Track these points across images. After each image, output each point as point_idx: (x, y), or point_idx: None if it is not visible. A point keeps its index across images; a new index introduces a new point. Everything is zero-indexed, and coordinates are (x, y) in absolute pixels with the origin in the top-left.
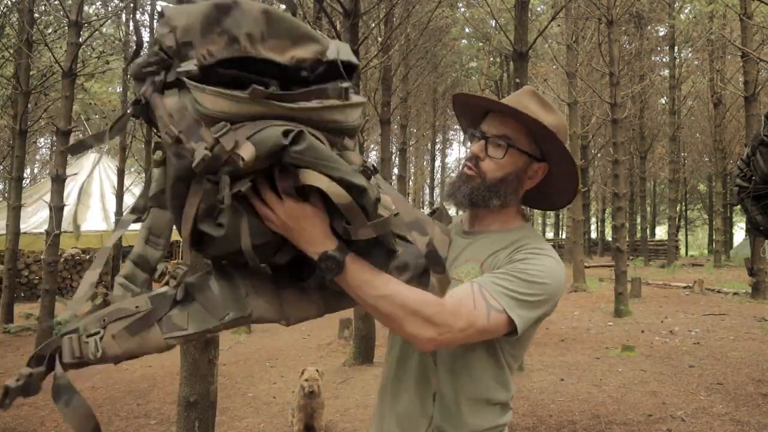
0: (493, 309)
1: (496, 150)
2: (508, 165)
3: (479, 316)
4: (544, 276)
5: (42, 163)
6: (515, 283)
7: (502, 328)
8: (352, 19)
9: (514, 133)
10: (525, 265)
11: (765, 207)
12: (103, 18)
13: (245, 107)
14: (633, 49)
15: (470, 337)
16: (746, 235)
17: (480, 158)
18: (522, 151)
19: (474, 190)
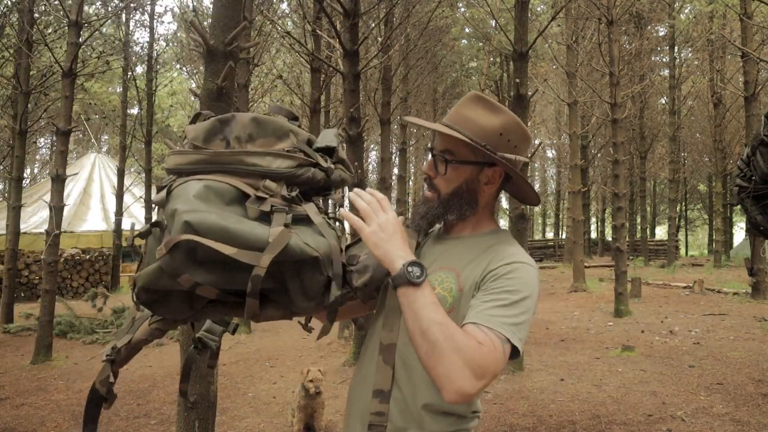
0: (504, 344)
1: (441, 166)
2: (454, 178)
3: (499, 363)
4: (526, 290)
5: (42, 163)
6: (507, 308)
7: (508, 356)
8: (352, 19)
9: (455, 146)
10: (507, 283)
11: (765, 207)
12: (103, 18)
13: (186, 158)
14: (633, 49)
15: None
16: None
17: (432, 177)
18: (464, 162)
19: (429, 210)
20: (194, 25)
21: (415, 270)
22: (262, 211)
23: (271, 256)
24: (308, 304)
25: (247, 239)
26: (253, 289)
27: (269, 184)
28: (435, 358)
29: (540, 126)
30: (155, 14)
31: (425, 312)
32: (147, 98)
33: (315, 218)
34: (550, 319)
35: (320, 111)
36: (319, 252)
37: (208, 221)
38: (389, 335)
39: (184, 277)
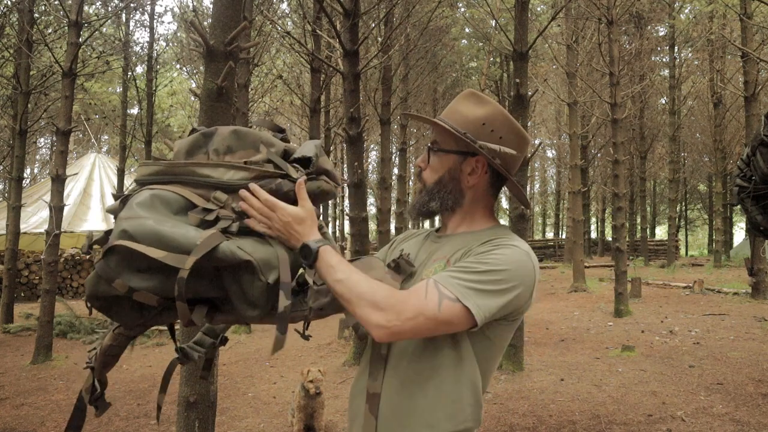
0: (446, 298)
1: (429, 156)
2: (439, 168)
3: (429, 305)
4: (504, 263)
5: (42, 163)
6: (472, 273)
7: (458, 320)
8: (352, 19)
9: (441, 137)
10: (484, 255)
11: (765, 207)
12: (103, 18)
13: (147, 170)
14: (633, 49)
15: (422, 327)
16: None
17: (422, 168)
18: (445, 151)
19: (418, 200)
20: (194, 25)
21: (306, 250)
22: (206, 220)
23: (195, 258)
24: (252, 312)
25: (179, 243)
26: (179, 291)
27: (219, 195)
28: (352, 309)
29: (540, 126)
30: (155, 14)
31: (329, 278)
32: (147, 98)
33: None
34: (550, 319)
35: (320, 111)
36: (254, 257)
37: (143, 227)
38: (374, 384)
39: (118, 281)
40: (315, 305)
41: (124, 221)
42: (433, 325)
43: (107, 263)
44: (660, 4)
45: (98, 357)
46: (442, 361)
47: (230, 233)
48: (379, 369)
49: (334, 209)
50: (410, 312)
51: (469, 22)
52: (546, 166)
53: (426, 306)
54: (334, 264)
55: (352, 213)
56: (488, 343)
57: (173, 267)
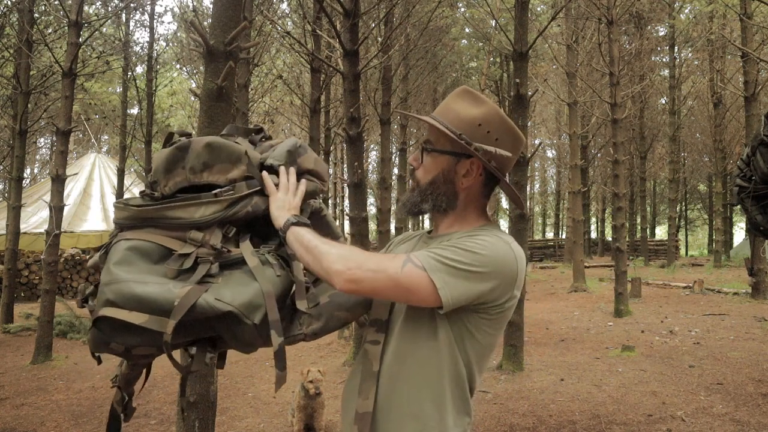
0: (410, 263)
1: (422, 155)
2: (432, 168)
3: (392, 265)
4: (482, 249)
5: (42, 163)
6: (446, 251)
7: (421, 289)
8: (352, 19)
9: (435, 137)
10: (464, 241)
11: (765, 207)
12: (103, 18)
13: (121, 213)
14: (633, 49)
15: (380, 283)
16: (746, 235)
17: (416, 167)
18: (439, 151)
19: (409, 199)
20: (194, 25)
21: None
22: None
23: (175, 322)
24: (249, 349)
25: (159, 304)
26: (167, 353)
27: (194, 235)
28: (318, 259)
29: (540, 126)
30: (155, 14)
31: (296, 246)
32: (147, 98)
33: (250, 261)
34: (550, 319)
35: (320, 111)
36: (234, 305)
37: (123, 292)
38: (364, 403)
39: (113, 345)
40: (309, 331)
41: (106, 288)
42: (393, 285)
43: (99, 331)
44: (660, 4)
45: (121, 380)
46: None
47: (212, 276)
48: (370, 387)
49: (334, 209)
50: (373, 264)
51: (469, 22)
52: (546, 166)
53: (389, 264)
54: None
55: (352, 213)
56: (470, 338)
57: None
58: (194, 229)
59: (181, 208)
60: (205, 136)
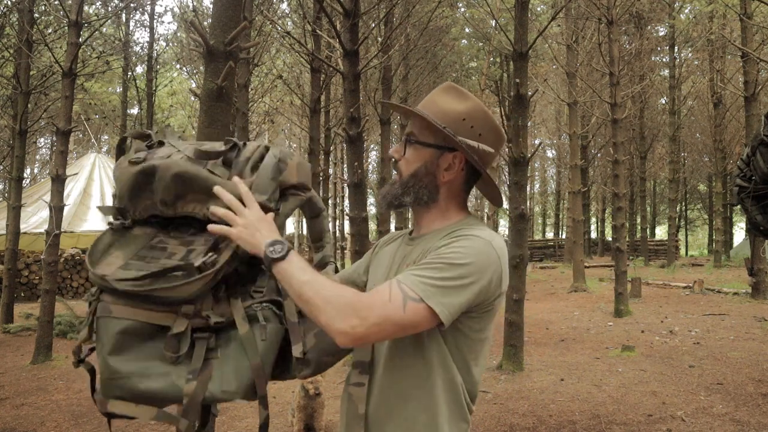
0: (410, 299)
1: (405, 148)
2: (414, 160)
3: (394, 309)
4: (465, 256)
5: (42, 163)
6: (433, 269)
7: (424, 320)
8: (352, 19)
9: (418, 129)
10: (445, 249)
11: (765, 207)
12: (103, 18)
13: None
14: (633, 49)
15: (387, 331)
16: (746, 235)
17: (398, 159)
18: (422, 144)
19: (390, 191)
20: (194, 25)
21: (276, 247)
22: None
23: (188, 422)
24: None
25: (164, 398)
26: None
27: (187, 310)
28: (315, 313)
29: (540, 126)
30: (155, 14)
31: (295, 279)
32: (147, 98)
33: (241, 327)
34: (550, 319)
35: (320, 111)
36: (239, 393)
37: (128, 388)
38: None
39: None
40: (300, 376)
41: (110, 383)
42: (399, 328)
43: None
44: (660, 4)
45: None
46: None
47: (210, 350)
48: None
49: (334, 209)
50: (375, 317)
51: (469, 22)
52: (546, 166)
53: (391, 310)
54: (303, 266)
55: (352, 213)
56: (462, 337)
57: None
58: (185, 304)
59: (167, 290)
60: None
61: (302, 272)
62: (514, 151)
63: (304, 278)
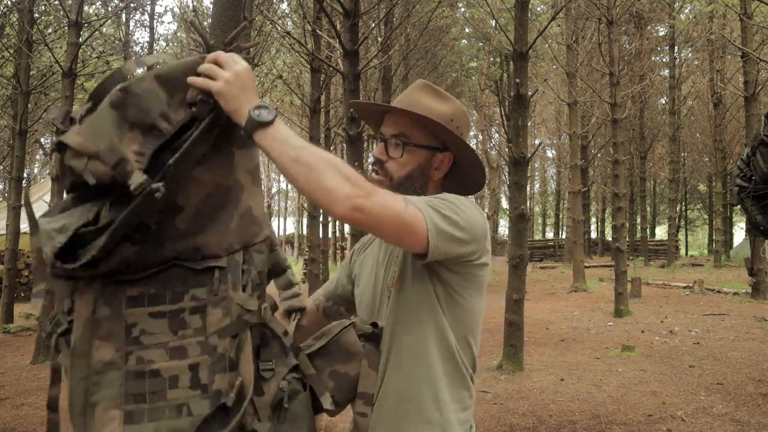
0: (412, 204)
1: (395, 149)
2: (409, 162)
3: (398, 202)
4: (459, 206)
5: (42, 163)
6: (433, 201)
7: (417, 228)
8: (352, 19)
9: (409, 130)
10: (442, 199)
11: (765, 207)
12: (103, 18)
13: None
14: (633, 49)
15: (386, 218)
16: (746, 235)
17: (383, 161)
18: (419, 146)
19: None
20: (194, 25)
21: (263, 111)
22: None
23: None
24: None
25: None
26: None
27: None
28: (315, 177)
29: (540, 126)
30: (155, 14)
31: (287, 144)
32: None
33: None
34: (550, 319)
35: (320, 111)
36: None
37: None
38: None
39: None
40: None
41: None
42: (397, 223)
43: None
44: (660, 4)
45: None
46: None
47: None
48: None
49: None
50: (380, 198)
51: (469, 22)
52: (546, 166)
53: (393, 203)
54: (294, 133)
55: None
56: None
57: None
58: None
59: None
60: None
61: (296, 138)
62: (514, 151)
63: (300, 143)
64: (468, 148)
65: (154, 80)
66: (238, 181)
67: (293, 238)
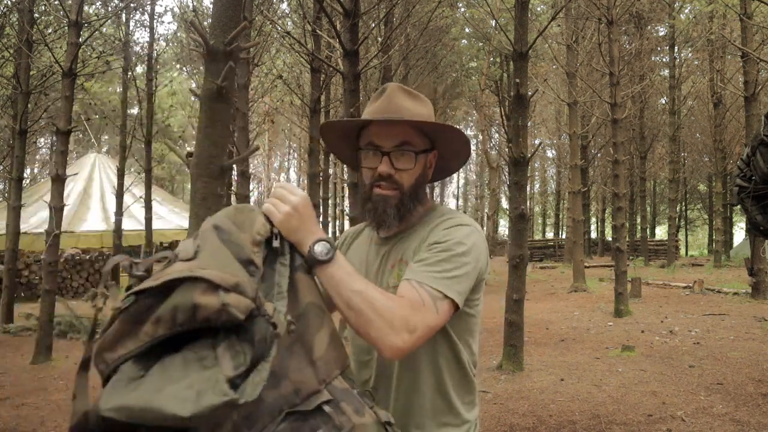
0: (438, 300)
1: (405, 160)
2: (416, 169)
3: (432, 314)
4: (464, 245)
5: (42, 163)
6: (442, 263)
7: (450, 314)
8: (352, 19)
9: (411, 137)
10: (444, 242)
11: (765, 207)
12: (103, 18)
13: None
14: (633, 49)
15: (428, 337)
16: (746, 235)
17: (391, 175)
18: (423, 151)
19: (400, 206)
20: (194, 25)
21: (322, 247)
22: None
23: None
24: None
25: None
26: None
27: None
28: (363, 325)
29: (540, 126)
30: (155, 14)
31: (343, 285)
32: (147, 98)
33: None
34: (550, 319)
35: (320, 111)
36: None
37: None
38: None
39: None
40: None
41: None
42: (435, 331)
43: None
44: (660, 4)
45: None
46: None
47: None
48: None
49: (334, 209)
50: (422, 328)
51: (469, 22)
52: (546, 166)
53: (430, 317)
54: (351, 271)
55: (352, 213)
56: (467, 317)
57: None
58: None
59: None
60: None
61: (351, 278)
62: (514, 151)
63: (355, 287)
64: (456, 131)
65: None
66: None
67: None
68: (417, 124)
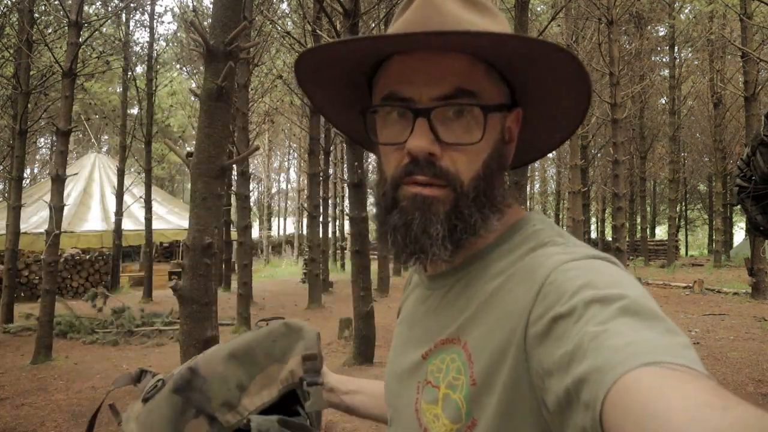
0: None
1: (454, 125)
2: (487, 143)
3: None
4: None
5: (42, 163)
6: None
7: None
8: (352, 19)
9: (471, 78)
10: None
11: (765, 207)
12: (103, 18)
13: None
14: (633, 49)
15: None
16: (746, 235)
17: (436, 155)
18: (496, 108)
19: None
20: (194, 25)
21: None
22: None
23: None
24: None
25: None
26: None
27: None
28: None
29: None
30: (155, 14)
31: None
32: (147, 98)
33: None
34: None
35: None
36: None
37: None
38: None
39: None
40: None
41: None
42: None
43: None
44: (660, 4)
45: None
46: None
47: None
48: None
49: (334, 209)
50: None
51: None
52: (546, 166)
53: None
54: None
55: (352, 213)
56: None
57: None
58: None
59: None
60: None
61: None
62: None
63: None
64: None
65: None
66: None
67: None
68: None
